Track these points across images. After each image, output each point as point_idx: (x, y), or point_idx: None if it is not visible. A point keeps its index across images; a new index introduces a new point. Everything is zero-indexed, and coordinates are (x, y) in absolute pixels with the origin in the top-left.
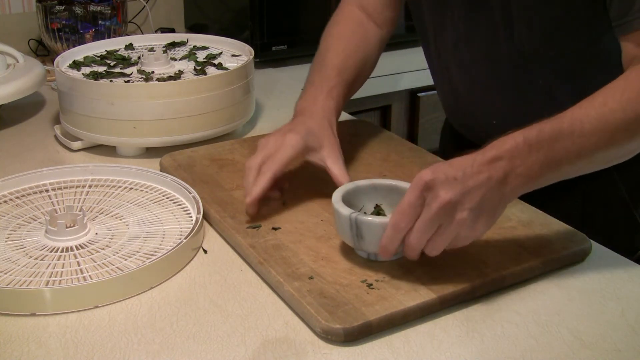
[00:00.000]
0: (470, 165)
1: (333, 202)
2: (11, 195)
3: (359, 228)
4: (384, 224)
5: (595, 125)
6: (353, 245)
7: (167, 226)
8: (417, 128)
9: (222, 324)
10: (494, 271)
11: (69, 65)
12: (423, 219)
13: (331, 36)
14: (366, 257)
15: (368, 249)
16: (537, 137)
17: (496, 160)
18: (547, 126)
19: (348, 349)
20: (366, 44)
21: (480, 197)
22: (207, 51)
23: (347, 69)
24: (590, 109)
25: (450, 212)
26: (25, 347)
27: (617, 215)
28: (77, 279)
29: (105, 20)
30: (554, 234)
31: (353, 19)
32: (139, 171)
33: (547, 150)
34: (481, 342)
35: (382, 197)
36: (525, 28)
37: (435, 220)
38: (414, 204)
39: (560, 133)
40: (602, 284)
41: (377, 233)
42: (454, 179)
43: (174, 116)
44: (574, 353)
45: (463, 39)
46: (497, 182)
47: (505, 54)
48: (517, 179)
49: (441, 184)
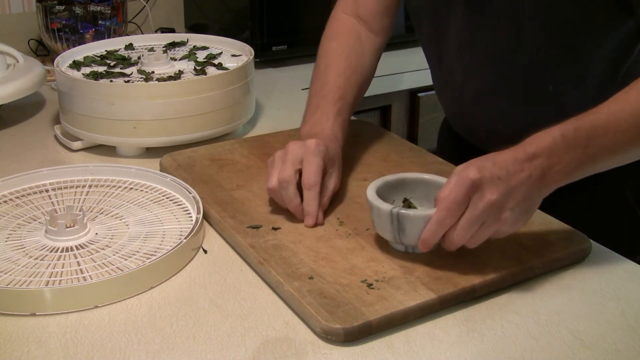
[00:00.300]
0: (512, 163)
1: (370, 199)
2: (11, 195)
3: (400, 222)
4: (427, 217)
5: (630, 122)
6: (393, 239)
7: (167, 226)
8: (417, 128)
9: (222, 324)
10: (494, 271)
11: (69, 65)
12: (468, 217)
13: (330, 53)
14: (404, 250)
15: (409, 243)
16: (574, 134)
17: (535, 157)
18: (584, 123)
19: (348, 349)
20: (364, 59)
21: (522, 196)
22: (207, 51)
23: (350, 90)
24: (626, 104)
25: (495, 212)
26: (25, 347)
27: (623, 218)
28: (77, 279)
29: (105, 20)
30: (554, 234)
31: (350, 31)
32: (139, 171)
33: (584, 147)
34: (481, 342)
35: (410, 190)
36: (537, 31)
37: (480, 219)
38: (460, 201)
39: (596, 130)
40: (602, 284)
41: (419, 226)
42: (499, 179)
43: (174, 116)
44: (574, 353)
45: (467, 44)
46: (536, 180)
47: (513, 59)
48: (555, 175)
49: (487, 183)
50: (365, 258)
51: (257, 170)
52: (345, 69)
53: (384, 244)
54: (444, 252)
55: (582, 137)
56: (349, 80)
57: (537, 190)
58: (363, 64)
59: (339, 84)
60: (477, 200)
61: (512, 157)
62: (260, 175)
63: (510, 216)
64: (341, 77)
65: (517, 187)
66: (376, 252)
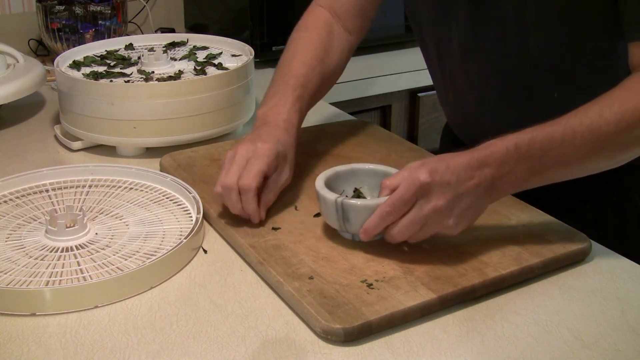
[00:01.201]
0: (464, 169)
1: (317, 188)
2: (11, 195)
3: (345, 211)
4: (370, 207)
5: (586, 137)
6: (338, 228)
7: (167, 226)
8: (417, 128)
9: (222, 324)
10: (494, 271)
11: (69, 65)
12: (411, 218)
13: (298, 41)
14: (351, 239)
15: (354, 231)
16: (528, 145)
17: (486, 166)
18: (539, 134)
19: (348, 349)
20: (332, 53)
21: (468, 204)
22: (207, 51)
23: (312, 79)
24: (584, 118)
25: (439, 217)
26: (25, 347)
27: (631, 222)
28: (77, 279)
29: (105, 20)
30: (554, 234)
31: (322, 24)
32: (139, 171)
33: (537, 159)
34: (481, 342)
35: (361, 181)
36: (542, 38)
37: (423, 221)
38: (406, 201)
39: (551, 142)
40: (602, 284)
41: (363, 216)
42: (448, 184)
43: (174, 116)
44: (574, 353)
45: (470, 51)
46: (485, 188)
47: (517, 66)
48: (504, 185)
49: (436, 188)
50: (365, 258)
51: None
52: (311, 59)
53: (384, 244)
54: (443, 252)
55: (535, 149)
56: (313, 70)
57: (484, 199)
58: (331, 58)
59: (302, 72)
60: (423, 204)
61: (465, 163)
62: None
63: (453, 222)
64: (305, 67)
65: (465, 195)
66: (376, 252)
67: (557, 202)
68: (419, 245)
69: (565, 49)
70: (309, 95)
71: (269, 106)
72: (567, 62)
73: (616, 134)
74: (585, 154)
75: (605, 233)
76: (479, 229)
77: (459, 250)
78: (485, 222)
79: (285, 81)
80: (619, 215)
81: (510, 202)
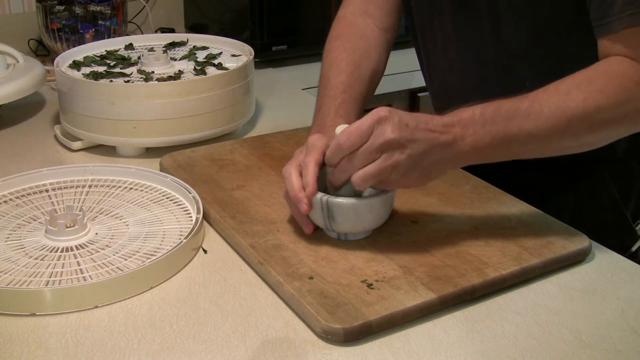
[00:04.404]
0: (425, 121)
1: None
2: (11, 195)
3: (330, 210)
4: (356, 205)
5: (553, 110)
6: (324, 227)
7: (167, 226)
8: None
9: (222, 324)
10: (494, 271)
11: (69, 65)
12: (365, 147)
13: (332, 52)
14: (336, 237)
15: (340, 230)
16: (493, 111)
17: (450, 125)
18: (506, 103)
19: (348, 349)
20: (370, 53)
21: (422, 150)
22: (207, 51)
23: (353, 84)
24: (552, 95)
25: (390, 151)
26: (25, 347)
27: (608, 214)
28: (77, 279)
29: (105, 20)
30: (554, 234)
31: (354, 30)
32: (139, 171)
33: (501, 125)
34: (481, 342)
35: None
36: (512, 29)
37: (375, 153)
38: (362, 131)
39: (517, 112)
40: (602, 284)
41: (349, 214)
42: (406, 125)
43: (174, 116)
44: (574, 353)
45: (451, 41)
46: (443, 144)
47: (493, 55)
48: (464, 146)
49: (392, 122)
50: (365, 258)
51: (257, 171)
52: (347, 65)
53: (384, 244)
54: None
55: (500, 115)
56: (352, 75)
57: (441, 154)
58: (369, 58)
59: (340, 79)
60: (377, 133)
61: (429, 118)
62: (260, 176)
63: (404, 163)
64: (342, 74)
65: (421, 141)
66: (376, 252)
67: (534, 191)
68: (419, 245)
69: (535, 39)
70: (353, 98)
71: (315, 125)
72: (538, 53)
73: (583, 112)
74: (550, 128)
75: (582, 223)
76: (479, 228)
77: (459, 250)
78: (485, 222)
79: (325, 94)
80: (596, 206)
81: (510, 202)
